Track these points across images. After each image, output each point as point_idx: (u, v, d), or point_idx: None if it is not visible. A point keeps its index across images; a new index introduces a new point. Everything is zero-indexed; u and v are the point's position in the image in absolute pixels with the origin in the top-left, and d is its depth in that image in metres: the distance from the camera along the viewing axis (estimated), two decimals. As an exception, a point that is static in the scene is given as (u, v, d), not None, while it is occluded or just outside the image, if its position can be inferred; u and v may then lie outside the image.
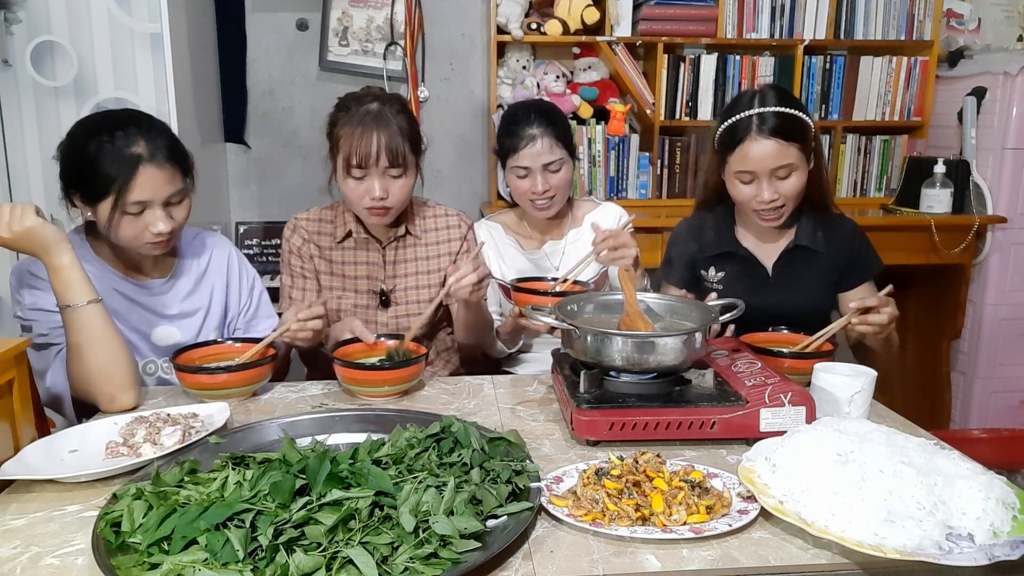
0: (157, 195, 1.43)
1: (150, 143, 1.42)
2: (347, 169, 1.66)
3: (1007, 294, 2.98)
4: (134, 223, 1.44)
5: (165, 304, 1.59)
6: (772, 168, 1.59)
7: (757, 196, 1.62)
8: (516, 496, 0.97)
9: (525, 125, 1.85)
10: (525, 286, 1.74)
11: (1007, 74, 2.85)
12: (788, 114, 1.59)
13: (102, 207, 1.42)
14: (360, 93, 1.72)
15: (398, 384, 1.43)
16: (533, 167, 1.85)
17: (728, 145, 1.64)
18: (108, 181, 1.39)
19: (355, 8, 3.05)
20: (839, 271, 1.72)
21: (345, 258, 1.81)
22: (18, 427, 1.17)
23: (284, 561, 0.79)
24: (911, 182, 3.01)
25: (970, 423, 3.05)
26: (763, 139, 1.58)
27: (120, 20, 2.32)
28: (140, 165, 1.40)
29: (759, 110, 1.60)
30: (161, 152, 1.43)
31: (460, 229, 1.88)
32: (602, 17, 2.94)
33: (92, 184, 1.41)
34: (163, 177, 1.43)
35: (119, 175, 1.39)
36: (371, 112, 1.66)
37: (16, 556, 0.90)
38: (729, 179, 1.67)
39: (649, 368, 1.23)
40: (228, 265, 1.69)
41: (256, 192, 3.21)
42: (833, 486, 0.92)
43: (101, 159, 1.39)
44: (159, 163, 1.43)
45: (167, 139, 1.47)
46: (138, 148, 1.41)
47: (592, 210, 2.01)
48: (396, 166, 1.66)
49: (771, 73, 3.07)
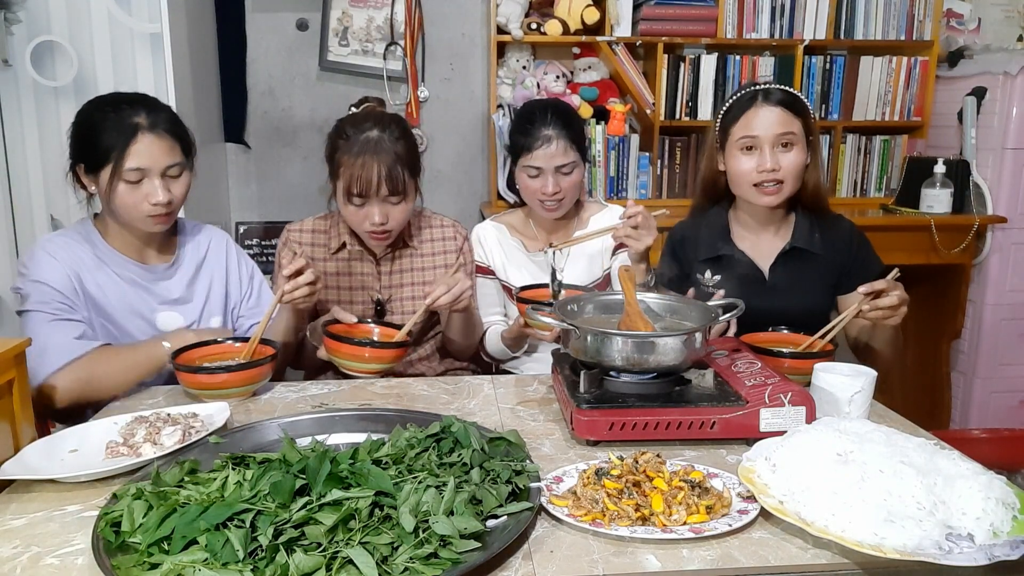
0: (155, 163, 1.48)
1: (151, 115, 1.49)
2: (347, 197, 1.67)
3: (1007, 294, 2.98)
4: (132, 192, 1.48)
5: (168, 289, 1.62)
6: (776, 134, 1.61)
7: (759, 166, 1.62)
8: (516, 496, 0.97)
9: (541, 125, 1.84)
10: (529, 295, 1.74)
11: (1007, 74, 2.85)
12: (792, 91, 1.65)
13: (103, 176, 1.47)
14: (360, 116, 1.72)
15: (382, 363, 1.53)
16: (545, 168, 1.84)
17: (732, 117, 1.66)
18: (108, 148, 1.46)
19: (355, 8, 3.05)
20: (838, 273, 1.71)
21: (340, 269, 1.82)
22: (18, 427, 1.17)
23: (284, 561, 0.79)
24: (911, 182, 3.01)
25: (970, 423, 3.05)
26: (768, 107, 1.62)
27: (120, 20, 2.32)
28: (139, 132, 1.47)
29: (763, 86, 1.66)
30: (161, 124, 1.50)
31: (456, 241, 1.88)
32: (602, 17, 2.94)
33: (94, 152, 1.47)
34: (161, 146, 1.49)
35: (118, 142, 1.45)
36: (370, 141, 1.65)
37: (16, 556, 0.90)
38: (731, 152, 1.67)
39: (649, 368, 1.23)
40: (227, 255, 1.72)
41: (256, 192, 3.21)
42: (833, 486, 0.92)
43: (103, 127, 1.47)
44: (158, 133, 1.49)
45: (168, 114, 1.54)
46: (138, 118, 1.48)
47: (598, 212, 2.01)
48: (396, 193, 1.67)
49: (771, 73, 3.07)
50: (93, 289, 1.53)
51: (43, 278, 1.48)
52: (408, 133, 1.72)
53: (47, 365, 1.40)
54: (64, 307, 1.47)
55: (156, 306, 1.60)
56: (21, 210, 2.39)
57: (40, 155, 2.36)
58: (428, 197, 3.21)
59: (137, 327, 1.58)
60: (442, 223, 1.90)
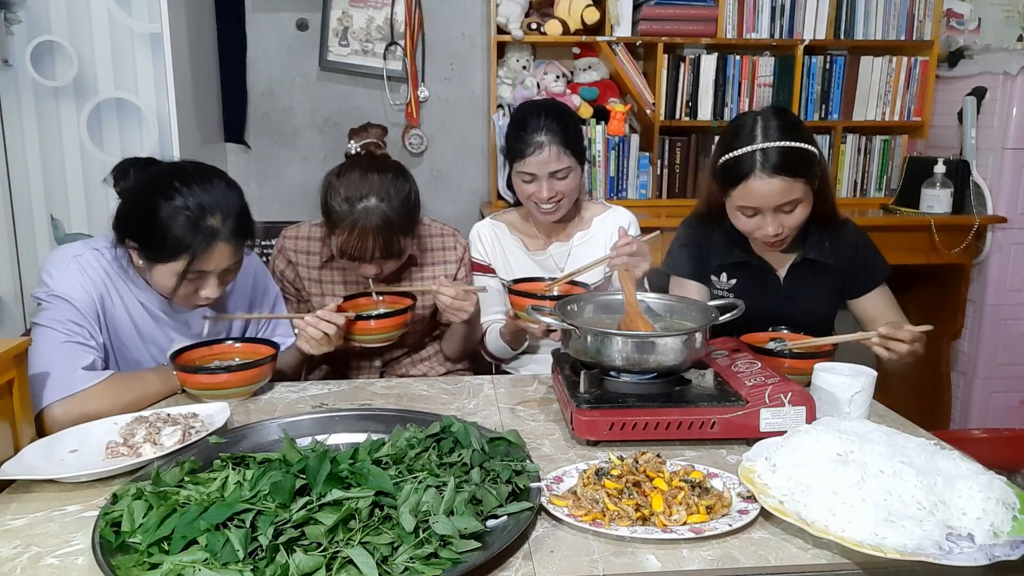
0: (219, 268, 1.41)
1: (228, 219, 1.39)
2: (341, 255, 1.67)
3: (1007, 294, 2.98)
4: (188, 286, 1.41)
5: (190, 324, 1.56)
6: (777, 204, 1.53)
7: (761, 229, 1.56)
8: (516, 496, 0.97)
9: (533, 131, 1.79)
10: (521, 288, 1.73)
11: (1007, 74, 2.85)
12: (793, 148, 1.51)
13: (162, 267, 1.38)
14: (357, 177, 1.63)
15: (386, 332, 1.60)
16: (539, 174, 1.81)
17: (730, 180, 1.56)
18: (179, 248, 1.35)
19: (355, 8, 3.05)
20: (843, 278, 1.69)
21: (335, 278, 1.82)
22: (18, 427, 1.17)
23: (284, 561, 0.80)
24: (911, 182, 3.01)
25: (970, 423, 3.05)
26: (768, 177, 1.50)
27: (120, 20, 2.32)
28: (216, 241, 1.38)
29: (762, 145, 1.51)
30: (238, 231, 1.41)
31: (456, 251, 1.87)
32: (602, 17, 2.93)
33: (156, 243, 1.36)
34: (231, 252, 1.41)
35: (193, 245, 1.35)
36: (368, 212, 1.60)
37: (16, 556, 0.90)
38: (731, 210, 1.61)
39: (649, 368, 1.23)
40: (255, 279, 1.66)
41: (256, 192, 3.21)
42: (833, 486, 0.92)
43: (174, 222, 1.35)
44: (232, 242, 1.40)
45: (239, 208, 1.43)
46: (214, 221, 1.37)
47: (601, 213, 1.97)
48: (390, 256, 1.67)
49: (771, 73, 3.07)
50: (116, 313, 1.45)
51: (67, 294, 1.39)
52: (408, 192, 1.67)
53: (49, 393, 1.31)
54: (80, 330, 1.38)
55: (175, 337, 1.54)
56: (21, 210, 2.39)
57: (40, 155, 2.36)
58: (428, 197, 3.21)
59: (152, 355, 1.52)
60: (442, 232, 1.88)
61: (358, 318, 1.58)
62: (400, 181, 1.66)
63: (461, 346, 1.84)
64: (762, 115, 1.56)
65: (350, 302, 1.68)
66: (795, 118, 1.61)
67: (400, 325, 1.62)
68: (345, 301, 1.66)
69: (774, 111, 1.59)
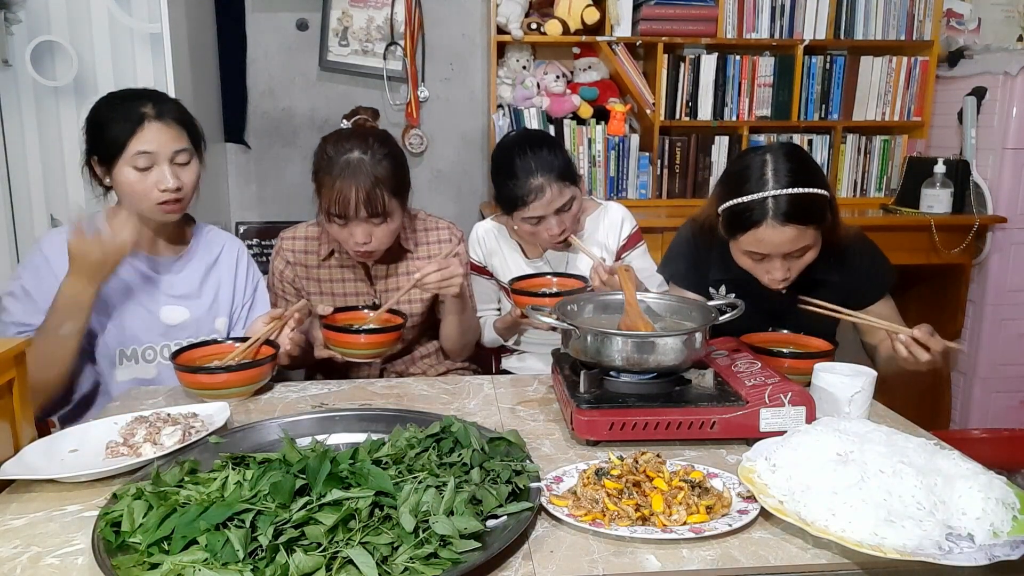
0: (162, 148, 1.50)
1: (158, 105, 1.53)
2: (328, 217, 1.66)
3: (1007, 294, 2.98)
4: (143, 179, 1.50)
5: (175, 283, 1.63)
6: (787, 252, 1.48)
7: (769, 273, 1.52)
8: (516, 496, 0.97)
9: (527, 176, 1.73)
10: (523, 287, 1.73)
11: (1007, 74, 2.85)
12: (806, 196, 1.44)
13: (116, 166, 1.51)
14: (342, 135, 1.68)
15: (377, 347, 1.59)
16: (546, 214, 1.76)
17: (738, 226, 1.49)
18: (117, 136, 1.49)
19: (355, 8, 3.06)
20: (847, 291, 1.63)
21: (333, 276, 1.82)
22: (18, 427, 1.17)
23: (284, 561, 0.79)
24: (911, 182, 3.01)
25: (970, 423, 3.05)
26: (780, 226, 1.43)
27: (120, 20, 2.32)
28: (145, 120, 1.50)
29: (773, 192, 1.44)
30: (168, 113, 1.53)
31: (451, 243, 1.86)
32: (602, 17, 2.94)
33: (105, 142, 1.51)
34: (168, 133, 1.52)
35: (126, 130, 1.49)
36: (351, 163, 1.62)
37: (16, 556, 0.90)
38: (736, 252, 1.56)
39: (649, 368, 1.23)
40: (238, 261, 1.72)
41: (256, 192, 3.21)
42: (833, 486, 0.92)
43: (113, 118, 1.51)
44: (165, 121, 1.52)
45: (175, 104, 1.57)
46: (145, 108, 1.51)
47: (593, 210, 1.95)
48: (376, 216, 1.64)
49: (771, 73, 3.07)
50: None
51: (30, 286, 1.49)
52: (393, 153, 1.68)
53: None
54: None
55: (162, 300, 1.60)
56: (21, 210, 2.39)
57: (40, 155, 2.36)
58: (428, 197, 3.23)
59: (142, 321, 1.57)
60: (437, 225, 1.88)
61: (348, 331, 1.58)
62: (387, 140, 1.71)
63: (459, 339, 1.83)
64: (772, 156, 1.49)
65: (342, 314, 1.67)
66: (805, 156, 1.55)
67: (389, 343, 1.62)
68: (336, 313, 1.66)
69: (784, 152, 1.51)
